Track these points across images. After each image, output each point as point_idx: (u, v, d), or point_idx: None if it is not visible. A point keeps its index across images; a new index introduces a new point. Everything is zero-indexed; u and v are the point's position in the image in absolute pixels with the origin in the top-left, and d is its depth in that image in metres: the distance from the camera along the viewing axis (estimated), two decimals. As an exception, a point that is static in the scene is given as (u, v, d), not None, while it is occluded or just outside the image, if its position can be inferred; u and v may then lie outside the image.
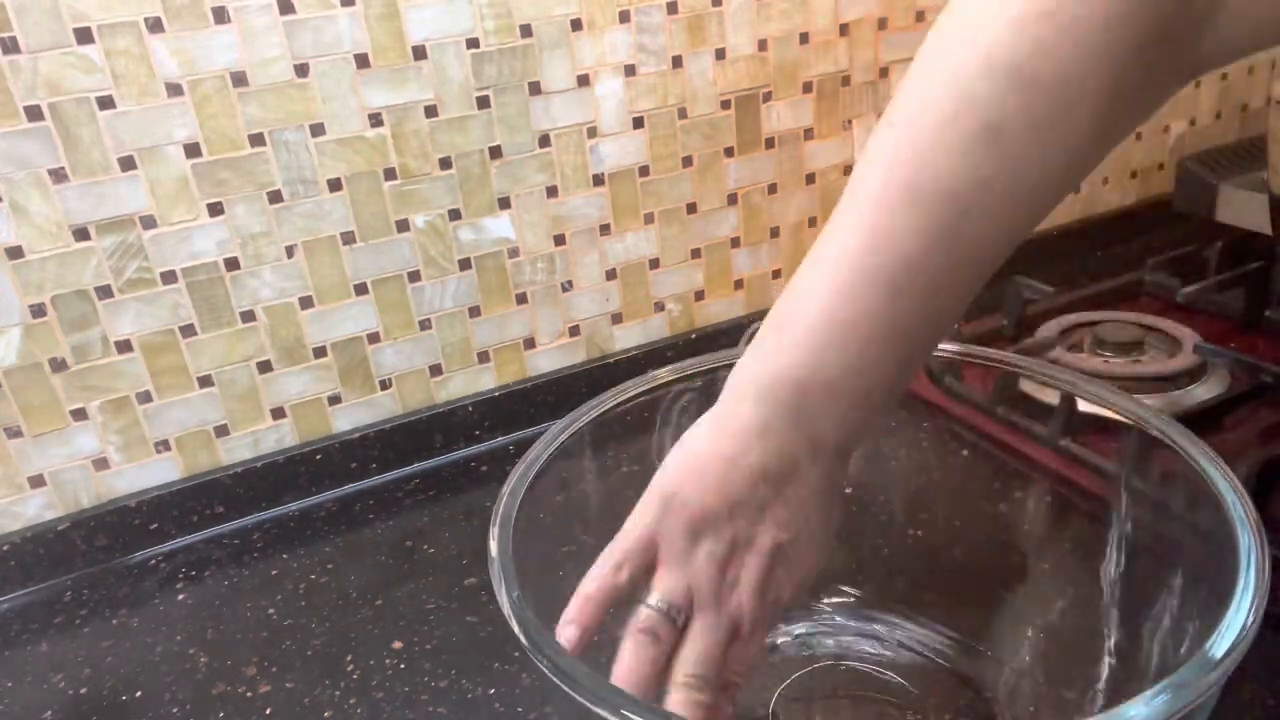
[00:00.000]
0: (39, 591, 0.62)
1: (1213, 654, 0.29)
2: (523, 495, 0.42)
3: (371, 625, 0.55)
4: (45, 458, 0.62)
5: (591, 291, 0.74)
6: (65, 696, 0.52)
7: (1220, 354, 0.66)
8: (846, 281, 0.35)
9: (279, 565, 0.62)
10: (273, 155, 0.61)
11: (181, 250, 0.61)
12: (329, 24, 0.60)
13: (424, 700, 0.49)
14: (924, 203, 0.34)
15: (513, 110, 0.67)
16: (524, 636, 0.34)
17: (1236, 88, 0.98)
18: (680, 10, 0.69)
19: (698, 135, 0.74)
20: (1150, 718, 0.28)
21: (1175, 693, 0.28)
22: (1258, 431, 0.60)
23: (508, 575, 0.37)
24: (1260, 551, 0.33)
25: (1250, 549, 0.33)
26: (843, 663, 0.48)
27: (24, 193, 0.56)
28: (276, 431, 0.68)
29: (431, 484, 0.69)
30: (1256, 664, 0.44)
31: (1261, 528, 0.34)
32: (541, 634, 0.34)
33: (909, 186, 0.34)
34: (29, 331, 0.59)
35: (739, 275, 0.79)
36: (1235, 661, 0.30)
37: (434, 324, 0.70)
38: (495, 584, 0.37)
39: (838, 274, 0.35)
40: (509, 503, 0.41)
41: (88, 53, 0.55)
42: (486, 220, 0.69)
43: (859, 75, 0.77)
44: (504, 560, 0.38)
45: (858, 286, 0.35)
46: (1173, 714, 0.28)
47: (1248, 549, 0.33)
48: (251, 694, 0.51)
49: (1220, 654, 0.29)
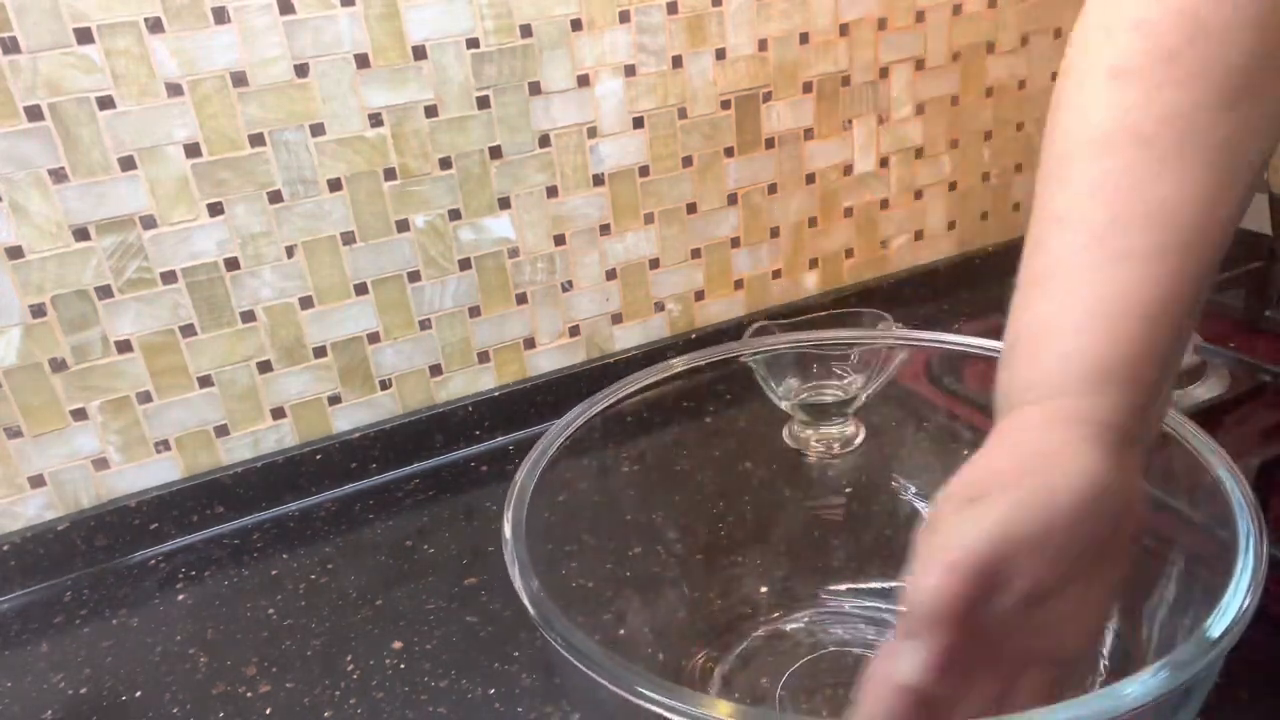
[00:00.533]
0: (39, 591, 0.62)
1: (1210, 634, 0.30)
2: (534, 483, 0.43)
3: (371, 625, 0.55)
4: (45, 458, 0.62)
5: (591, 291, 0.74)
6: (65, 696, 0.52)
7: (1220, 354, 0.66)
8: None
9: (279, 565, 0.62)
10: (273, 155, 0.61)
11: (181, 250, 0.61)
12: (329, 24, 0.60)
13: (424, 700, 0.49)
14: (1097, 149, 0.32)
15: (513, 110, 0.67)
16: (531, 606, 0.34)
17: (1236, 88, 0.98)
18: (680, 10, 0.69)
19: (698, 135, 0.74)
20: (1148, 694, 0.28)
21: (1173, 671, 0.29)
22: (1258, 431, 0.61)
23: (521, 560, 0.37)
24: (1259, 535, 0.33)
25: (1249, 533, 0.34)
26: (849, 650, 0.49)
27: (24, 193, 0.56)
28: (276, 431, 0.68)
29: (431, 484, 0.69)
30: (1257, 664, 0.44)
31: (1260, 512, 0.35)
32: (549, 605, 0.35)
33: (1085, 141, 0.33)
34: (29, 331, 0.59)
35: (739, 275, 0.79)
36: (1232, 641, 0.30)
37: (434, 324, 0.70)
38: (508, 563, 0.38)
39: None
40: (522, 488, 0.42)
41: (88, 53, 0.55)
42: (486, 220, 0.69)
43: (859, 75, 0.77)
44: (517, 539, 0.39)
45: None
46: (1170, 691, 0.28)
47: (1246, 533, 0.34)
48: (251, 694, 0.51)
49: (1217, 634, 0.30)
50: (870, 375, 0.57)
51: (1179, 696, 0.29)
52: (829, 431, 0.58)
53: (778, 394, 0.59)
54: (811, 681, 0.47)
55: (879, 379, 0.57)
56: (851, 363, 0.58)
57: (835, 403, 0.58)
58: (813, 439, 0.58)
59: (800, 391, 0.59)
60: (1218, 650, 0.30)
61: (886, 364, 0.56)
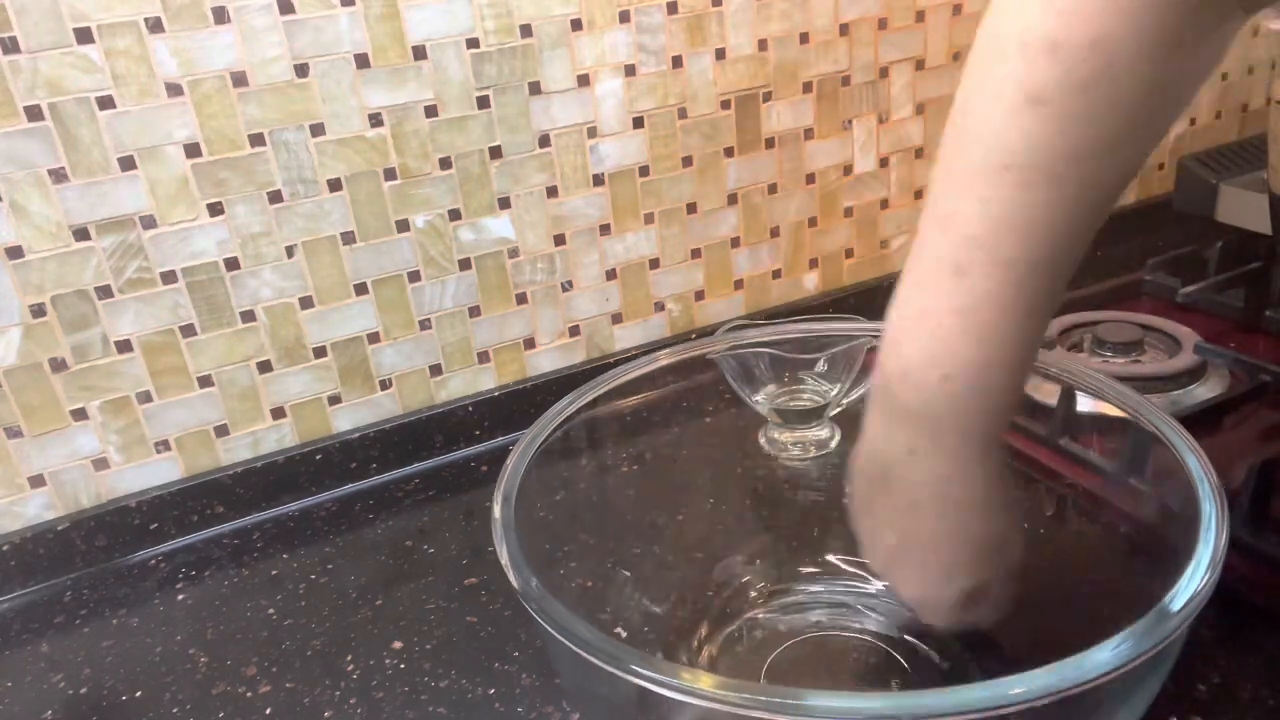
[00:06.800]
0: (39, 591, 0.62)
1: (1171, 607, 0.32)
2: (524, 470, 0.44)
3: (371, 625, 0.55)
4: (45, 458, 0.62)
5: (591, 291, 0.74)
6: (65, 696, 0.52)
7: (1220, 354, 0.66)
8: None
9: (279, 565, 0.62)
10: (273, 155, 0.61)
11: (181, 250, 0.61)
12: (329, 24, 0.60)
13: (424, 700, 0.49)
14: (992, 178, 0.34)
15: (513, 110, 0.67)
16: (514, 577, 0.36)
17: (1236, 88, 0.98)
18: (680, 10, 0.69)
19: (698, 135, 0.74)
20: (1113, 662, 0.30)
21: (1136, 640, 0.30)
22: (1258, 431, 0.60)
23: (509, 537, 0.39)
24: (1219, 515, 0.36)
25: (1211, 514, 0.36)
26: (833, 634, 0.50)
27: (24, 193, 0.56)
28: (276, 431, 0.68)
29: (431, 484, 0.69)
30: (1257, 665, 0.44)
31: (1223, 494, 0.37)
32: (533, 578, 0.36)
33: (976, 165, 0.34)
34: (29, 331, 0.59)
35: (739, 275, 0.79)
36: (1193, 612, 0.32)
37: (434, 324, 0.70)
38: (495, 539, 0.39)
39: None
40: (511, 475, 0.43)
41: (88, 53, 0.55)
42: (486, 220, 0.69)
43: (859, 75, 0.77)
44: (506, 520, 0.40)
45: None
46: (1134, 659, 0.30)
47: (1209, 515, 0.36)
48: (251, 694, 0.51)
49: (1178, 607, 0.32)
50: (845, 378, 0.57)
51: (1143, 668, 0.31)
52: (805, 435, 0.59)
53: (752, 399, 0.59)
54: (795, 664, 0.48)
55: (854, 380, 0.57)
56: (822, 370, 0.58)
57: (813, 408, 0.58)
58: (789, 442, 0.59)
59: (777, 396, 0.59)
60: (1178, 620, 0.31)
61: (860, 363, 0.57)
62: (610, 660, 0.32)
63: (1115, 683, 0.30)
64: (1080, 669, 0.29)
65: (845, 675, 0.48)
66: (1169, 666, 0.34)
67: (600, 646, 0.33)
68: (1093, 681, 0.29)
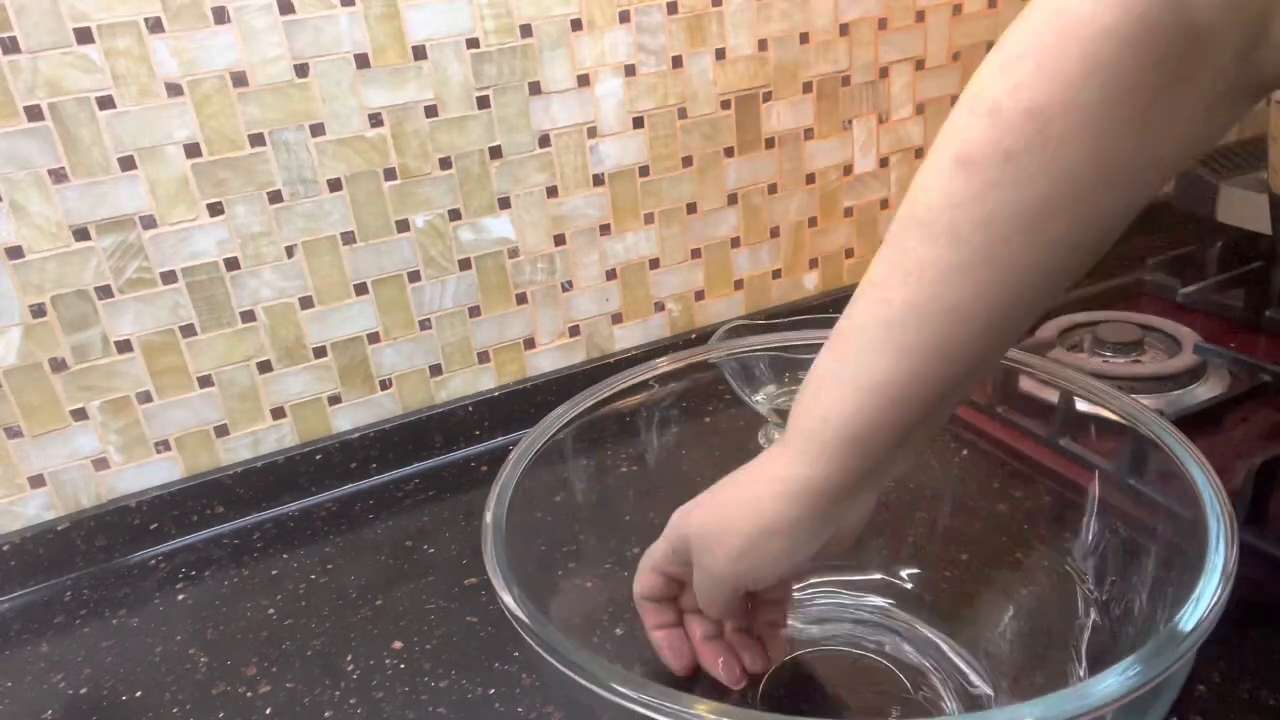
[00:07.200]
0: (39, 591, 0.62)
1: (1182, 627, 0.31)
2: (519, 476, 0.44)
3: (371, 625, 0.55)
4: (45, 458, 0.62)
5: (591, 291, 0.74)
6: (65, 696, 0.52)
7: (1220, 354, 0.66)
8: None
9: (279, 565, 0.62)
10: (273, 155, 0.61)
11: (181, 250, 0.61)
12: (329, 24, 0.60)
13: (424, 700, 0.49)
14: (922, 233, 0.34)
15: (513, 110, 0.67)
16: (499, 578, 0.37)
17: (1236, 88, 0.98)
18: (680, 10, 0.69)
19: (698, 135, 0.74)
20: (1123, 689, 0.29)
21: (1147, 663, 0.30)
22: (1258, 431, 0.61)
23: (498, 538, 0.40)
24: (1229, 531, 0.35)
25: (1219, 532, 0.35)
26: (834, 649, 0.49)
27: (24, 193, 0.56)
28: (276, 431, 0.68)
29: (431, 484, 0.69)
30: (1257, 664, 0.44)
31: (1231, 513, 0.36)
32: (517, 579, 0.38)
33: (906, 220, 0.35)
34: (29, 331, 0.59)
35: (739, 275, 0.79)
36: (1204, 633, 0.31)
37: (434, 324, 0.70)
38: (484, 544, 0.40)
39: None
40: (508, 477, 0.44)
41: (88, 53, 0.55)
42: (486, 220, 0.69)
43: (859, 75, 0.77)
44: (497, 525, 0.41)
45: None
46: (1145, 684, 0.29)
47: (1217, 533, 0.35)
48: (251, 694, 0.51)
49: (1189, 627, 0.31)
50: None
51: (1151, 693, 0.30)
52: None
53: (752, 399, 0.59)
54: (796, 678, 0.48)
55: None
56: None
57: None
58: None
59: (776, 396, 0.59)
60: (1190, 641, 0.31)
61: None
62: (593, 680, 0.32)
63: (1121, 711, 0.29)
64: (1083, 699, 0.29)
65: (845, 695, 0.47)
66: (1180, 684, 0.33)
67: (585, 666, 0.33)
68: (1096, 710, 0.29)
